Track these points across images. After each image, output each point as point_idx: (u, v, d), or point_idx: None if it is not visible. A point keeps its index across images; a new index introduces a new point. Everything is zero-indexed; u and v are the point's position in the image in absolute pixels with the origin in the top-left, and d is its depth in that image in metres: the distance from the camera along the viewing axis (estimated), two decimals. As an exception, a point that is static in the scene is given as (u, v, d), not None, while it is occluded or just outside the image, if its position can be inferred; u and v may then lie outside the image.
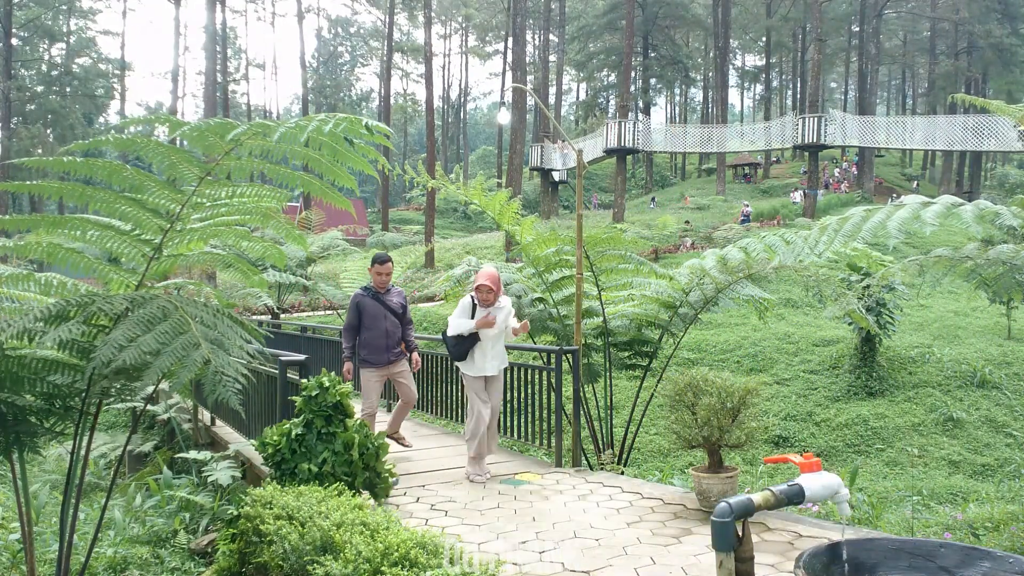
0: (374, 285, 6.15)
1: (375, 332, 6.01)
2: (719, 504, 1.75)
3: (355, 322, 6.08)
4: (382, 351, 6.02)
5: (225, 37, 40.91)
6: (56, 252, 3.36)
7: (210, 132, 3.06)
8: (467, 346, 5.77)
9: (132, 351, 2.77)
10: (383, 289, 6.16)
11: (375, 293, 6.11)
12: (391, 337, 6.08)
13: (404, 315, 6.22)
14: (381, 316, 6.04)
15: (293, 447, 4.14)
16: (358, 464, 4.34)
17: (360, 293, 6.15)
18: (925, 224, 3.84)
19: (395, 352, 6.10)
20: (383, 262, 6.14)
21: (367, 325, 6.03)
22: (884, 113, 57.85)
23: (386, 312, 6.06)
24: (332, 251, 19.54)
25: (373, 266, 6.18)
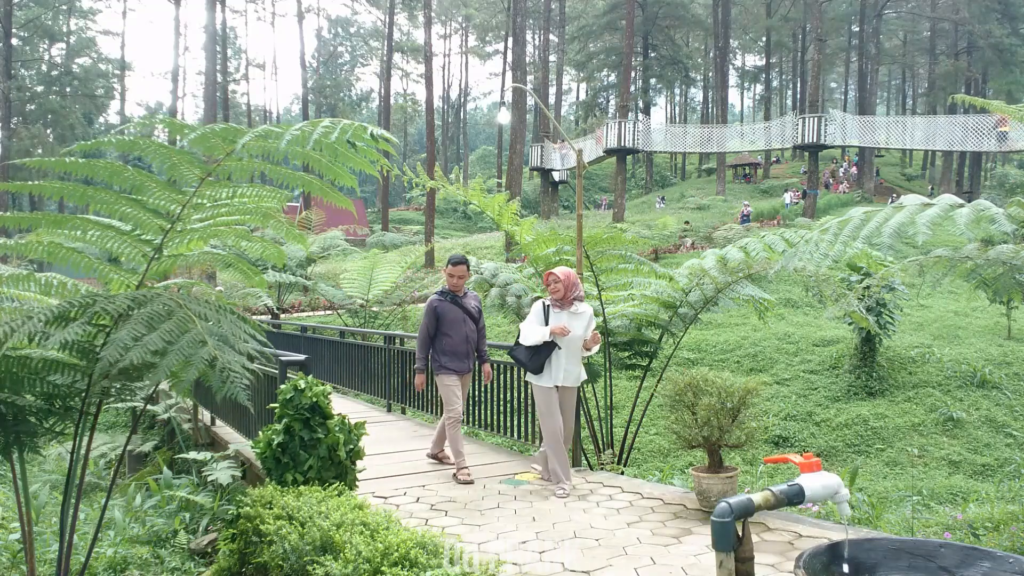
0: (449, 288, 5.82)
1: (456, 338, 5.72)
2: (719, 504, 1.75)
3: (432, 330, 5.73)
4: (463, 357, 5.76)
5: (225, 37, 40.92)
6: (57, 252, 3.36)
7: (216, 137, 3.06)
8: (544, 356, 5.22)
9: (138, 350, 2.76)
10: (459, 292, 5.83)
11: (453, 297, 5.78)
12: (470, 344, 5.81)
13: (479, 321, 5.93)
14: (460, 321, 5.74)
15: (277, 456, 4.13)
16: (347, 465, 4.33)
17: (437, 298, 5.80)
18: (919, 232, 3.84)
19: (472, 359, 5.89)
20: (457, 263, 5.79)
21: (447, 331, 5.71)
22: (884, 113, 57.84)
23: (465, 316, 5.78)
24: (332, 251, 19.55)
25: (447, 267, 5.84)
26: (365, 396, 10.24)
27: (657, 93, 57.71)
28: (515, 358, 5.40)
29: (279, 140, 2.94)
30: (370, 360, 9.76)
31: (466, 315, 5.76)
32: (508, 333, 16.78)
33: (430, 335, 5.75)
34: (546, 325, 5.22)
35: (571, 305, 5.29)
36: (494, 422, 6.91)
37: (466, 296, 5.86)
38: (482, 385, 6.85)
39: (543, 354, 5.22)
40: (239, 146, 2.97)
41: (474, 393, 7.21)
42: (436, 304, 5.76)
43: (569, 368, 5.28)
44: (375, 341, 10.02)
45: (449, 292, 5.80)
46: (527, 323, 5.30)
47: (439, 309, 5.74)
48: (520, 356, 5.32)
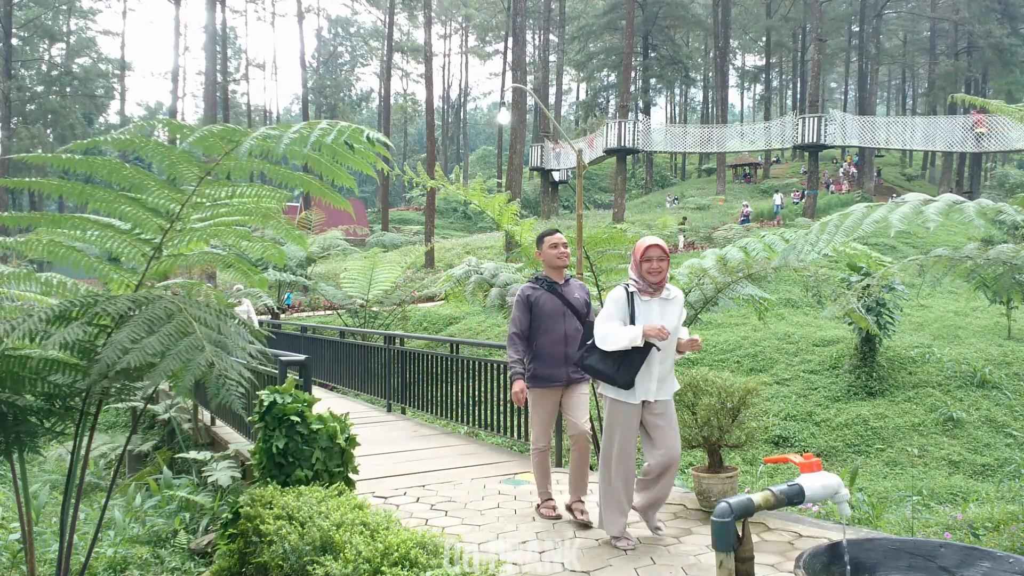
0: (547, 273, 4.57)
1: (551, 337, 4.43)
2: (719, 504, 1.75)
3: (526, 326, 4.48)
4: (560, 363, 4.43)
5: (225, 37, 40.92)
6: (56, 251, 3.36)
7: (215, 138, 3.06)
8: (638, 365, 3.89)
9: (136, 353, 2.76)
10: (560, 278, 4.56)
11: (551, 284, 4.51)
12: (572, 345, 4.42)
13: (588, 316, 4.56)
14: (560, 315, 4.45)
15: (280, 461, 4.12)
16: (349, 453, 4.33)
17: (530, 286, 4.56)
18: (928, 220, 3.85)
19: (576, 368, 4.37)
20: (554, 233, 4.55)
21: (540, 328, 4.45)
22: (884, 113, 57.85)
23: (566, 310, 4.48)
24: (332, 251, 19.57)
25: (542, 243, 4.54)
26: (365, 396, 10.24)
27: (657, 93, 57.74)
28: (589, 368, 4.05)
29: (277, 142, 2.94)
30: (370, 360, 9.76)
31: (567, 308, 4.49)
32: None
33: (523, 333, 4.48)
34: (631, 320, 3.93)
35: (663, 289, 4.00)
36: (494, 422, 6.91)
37: (568, 284, 4.58)
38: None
39: (636, 362, 3.88)
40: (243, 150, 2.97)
41: (474, 393, 7.20)
42: (529, 293, 4.50)
43: (664, 375, 4.01)
44: (375, 341, 10.02)
45: (545, 278, 4.54)
46: (604, 318, 3.96)
47: (533, 299, 4.47)
48: (599, 366, 3.95)
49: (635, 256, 3.99)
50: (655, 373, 3.95)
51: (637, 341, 3.79)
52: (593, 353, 3.99)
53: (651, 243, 3.94)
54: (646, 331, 3.77)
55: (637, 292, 3.95)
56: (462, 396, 7.36)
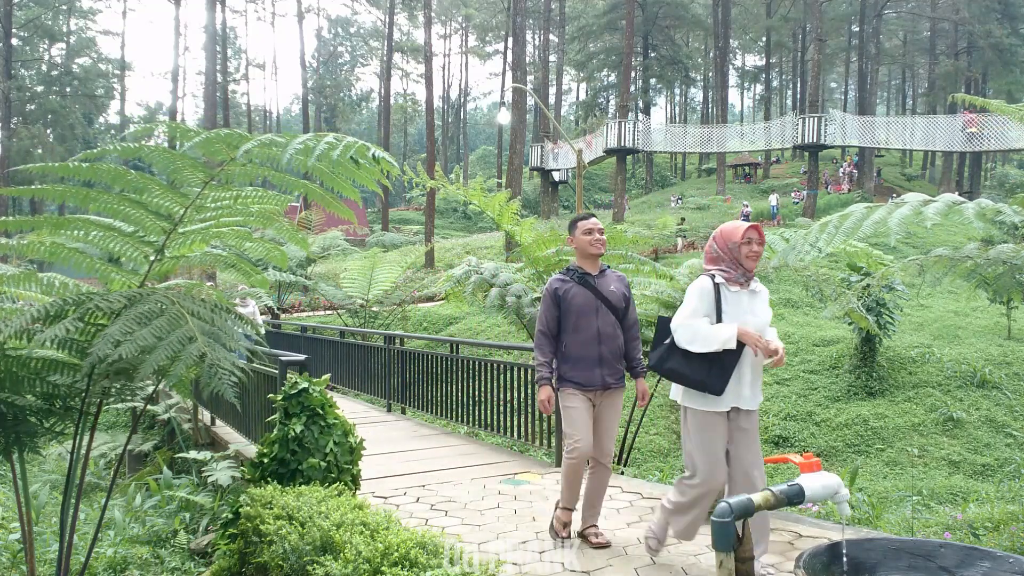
0: (579, 263, 4.08)
1: (583, 336, 3.93)
2: (719, 504, 1.75)
3: (553, 323, 4.00)
4: (593, 365, 3.92)
5: (225, 37, 40.93)
6: (58, 252, 3.37)
7: (220, 143, 3.07)
8: (731, 368, 3.34)
9: (128, 346, 2.77)
10: (594, 268, 4.04)
11: (583, 275, 4.00)
12: (608, 344, 3.94)
13: (627, 312, 4.07)
14: (592, 312, 3.94)
15: (293, 448, 4.11)
16: (359, 452, 4.33)
17: (559, 278, 4.05)
18: (926, 219, 3.85)
19: (614, 371, 3.97)
20: (588, 217, 4.09)
21: (571, 326, 3.95)
22: (884, 113, 57.86)
23: (599, 305, 3.95)
24: (332, 251, 19.57)
25: (574, 229, 4.07)
26: (365, 396, 10.24)
27: (657, 93, 57.74)
28: (671, 373, 3.44)
29: (282, 151, 2.95)
30: (370, 360, 9.77)
31: (602, 303, 3.95)
32: (508, 333, 16.75)
33: (551, 331, 4.00)
34: (718, 316, 3.38)
35: (752, 280, 3.51)
36: (494, 422, 6.91)
37: (603, 275, 4.05)
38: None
39: (728, 364, 3.33)
40: (240, 153, 2.98)
41: (474, 393, 7.20)
42: (557, 287, 4.00)
43: (755, 381, 3.47)
44: (375, 341, 10.02)
45: (577, 269, 4.03)
46: (688, 314, 3.39)
47: (562, 293, 3.97)
48: (683, 369, 3.38)
49: (725, 240, 3.46)
50: (747, 376, 3.42)
51: (731, 343, 3.26)
52: (674, 355, 3.41)
53: (751, 224, 3.45)
54: (743, 333, 3.26)
55: (726, 283, 3.41)
56: (462, 396, 7.36)
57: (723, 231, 3.52)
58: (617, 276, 4.15)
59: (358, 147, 3.00)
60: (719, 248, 3.50)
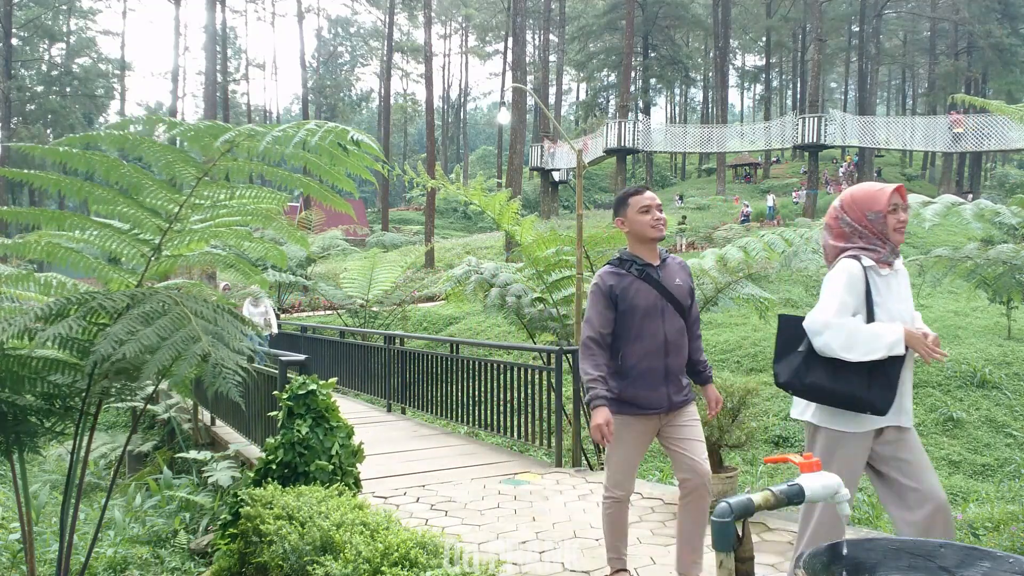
0: (634, 250, 3.21)
1: (647, 345, 3.12)
2: (719, 504, 1.75)
3: (608, 328, 3.15)
4: (659, 382, 3.14)
5: (225, 37, 40.94)
6: (56, 251, 3.36)
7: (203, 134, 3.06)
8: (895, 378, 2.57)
9: (132, 345, 2.77)
10: (655, 257, 3.21)
11: (643, 266, 3.16)
12: (675, 355, 3.17)
13: (692, 309, 3.28)
14: (658, 314, 3.13)
15: (300, 451, 4.09)
16: (361, 454, 4.33)
17: (612, 271, 3.19)
18: (924, 221, 3.85)
19: (679, 387, 3.20)
20: (643, 191, 3.22)
21: (629, 332, 3.13)
22: (884, 113, 57.86)
23: (665, 304, 3.15)
24: (332, 251, 19.58)
25: (625, 207, 3.21)
26: (365, 396, 10.24)
27: (657, 93, 57.74)
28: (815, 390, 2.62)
29: (259, 140, 2.94)
30: (370, 360, 9.77)
31: (668, 302, 3.15)
32: (508, 333, 16.74)
33: (605, 339, 3.15)
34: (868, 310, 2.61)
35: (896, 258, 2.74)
36: (494, 422, 6.91)
37: (667, 266, 3.23)
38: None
39: (892, 375, 2.56)
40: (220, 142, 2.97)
41: (474, 393, 7.19)
42: (612, 282, 3.14)
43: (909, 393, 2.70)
44: (375, 341, 10.03)
45: (633, 258, 3.18)
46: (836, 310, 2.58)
47: (619, 290, 3.13)
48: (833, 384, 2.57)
49: (862, 210, 2.67)
50: (907, 385, 2.67)
51: (899, 348, 2.52)
52: (815, 366, 2.62)
53: (895, 186, 2.69)
54: (910, 336, 2.53)
55: (875, 266, 2.64)
56: (462, 396, 7.36)
57: (856, 198, 2.70)
58: (680, 264, 3.29)
59: (337, 131, 2.97)
60: (854, 220, 2.69)
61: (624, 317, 3.13)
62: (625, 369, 3.15)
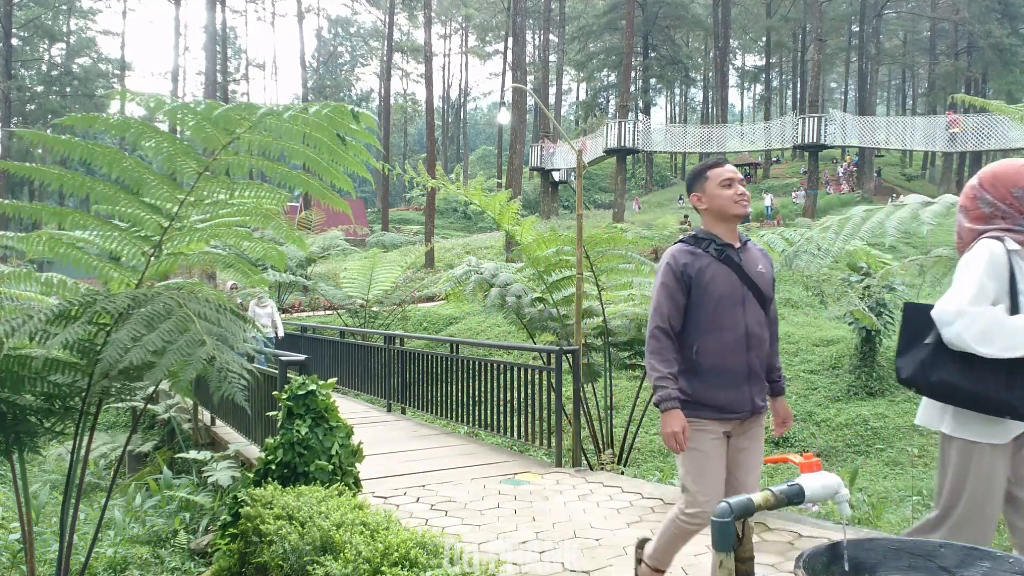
0: (710, 227, 2.80)
1: (726, 338, 2.71)
2: (719, 504, 1.75)
3: (678, 317, 2.74)
4: (740, 381, 2.74)
5: (225, 37, 40.93)
6: (56, 249, 3.36)
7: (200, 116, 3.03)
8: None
9: (137, 351, 2.77)
10: (735, 238, 2.81)
11: (722, 247, 2.74)
12: (757, 350, 2.76)
13: (771, 305, 2.87)
14: (738, 302, 2.72)
15: (300, 451, 4.09)
16: (360, 454, 4.32)
17: (686, 248, 2.77)
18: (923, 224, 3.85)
19: (761, 388, 2.82)
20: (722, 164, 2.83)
21: (706, 322, 2.71)
22: (884, 113, 57.85)
23: (746, 292, 2.74)
24: (332, 251, 19.58)
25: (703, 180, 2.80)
26: (365, 396, 10.24)
27: (657, 93, 57.73)
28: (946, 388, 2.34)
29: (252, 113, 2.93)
30: (370, 360, 9.77)
31: (749, 290, 2.74)
32: (508, 333, 16.73)
33: (674, 328, 2.75)
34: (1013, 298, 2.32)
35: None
36: (494, 422, 6.90)
37: (747, 249, 2.82)
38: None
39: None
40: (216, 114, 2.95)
41: (474, 393, 7.19)
42: (686, 261, 2.73)
43: None
44: (375, 341, 10.03)
45: (711, 238, 2.77)
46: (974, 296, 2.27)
47: (694, 272, 2.71)
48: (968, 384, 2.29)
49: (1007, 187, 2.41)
50: None
51: None
52: (946, 361, 2.31)
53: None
54: None
55: (1021, 250, 2.36)
56: (462, 396, 7.36)
57: (999, 175, 2.44)
58: (761, 251, 2.91)
59: (335, 108, 2.95)
60: (997, 199, 2.42)
61: (698, 304, 2.71)
62: (700, 366, 2.72)
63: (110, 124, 3.06)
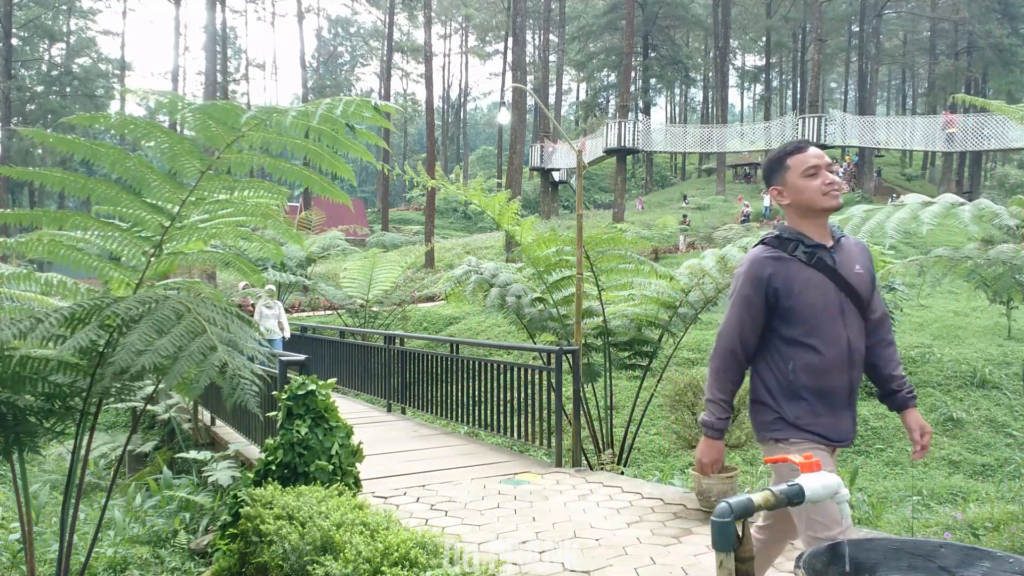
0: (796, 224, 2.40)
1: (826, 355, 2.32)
2: (719, 504, 1.75)
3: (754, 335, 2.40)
4: (841, 404, 2.37)
5: (225, 37, 40.91)
6: (57, 250, 3.36)
7: (216, 115, 3.01)
8: None
9: (149, 356, 2.76)
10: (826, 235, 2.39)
11: (812, 249, 2.34)
12: (859, 368, 2.40)
13: (874, 304, 2.44)
14: (837, 313, 2.34)
15: (300, 451, 4.09)
16: (360, 454, 4.32)
17: (769, 254, 2.37)
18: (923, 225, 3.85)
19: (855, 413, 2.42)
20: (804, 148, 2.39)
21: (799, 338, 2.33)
22: (884, 113, 57.85)
23: (844, 300, 2.35)
24: (332, 251, 19.56)
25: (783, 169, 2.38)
26: (365, 396, 10.24)
27: (657, 93, 57.74)
28: None
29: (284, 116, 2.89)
30: (370, 360, 9.77)
31: (847, 297, 2.35)
32: (508, 333, 16.74)
33: (746, 353, 2.42)
34: None
35: None
36: (494, 422, 6.90)
37: (841, 246, 2.40)
38: None
39: None
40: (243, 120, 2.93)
41: (474, 393, 7.19)
42: (772, 271, 2.33)
43: None
44: (375, 341, 10.02)
45: (798, 238, 2.36)
46: None
47: (781, 281, 2.33)
48: None
49: None
50: None
51: None
52: None
53: None
54: None
55: None
56: (462, 396, 7.36)
57: None
58: (859, 247, 2.47)
59: (359, 103, 2.93)
60: None
61: (790, 317, 2.32)
62: (797, 385, 2.32)
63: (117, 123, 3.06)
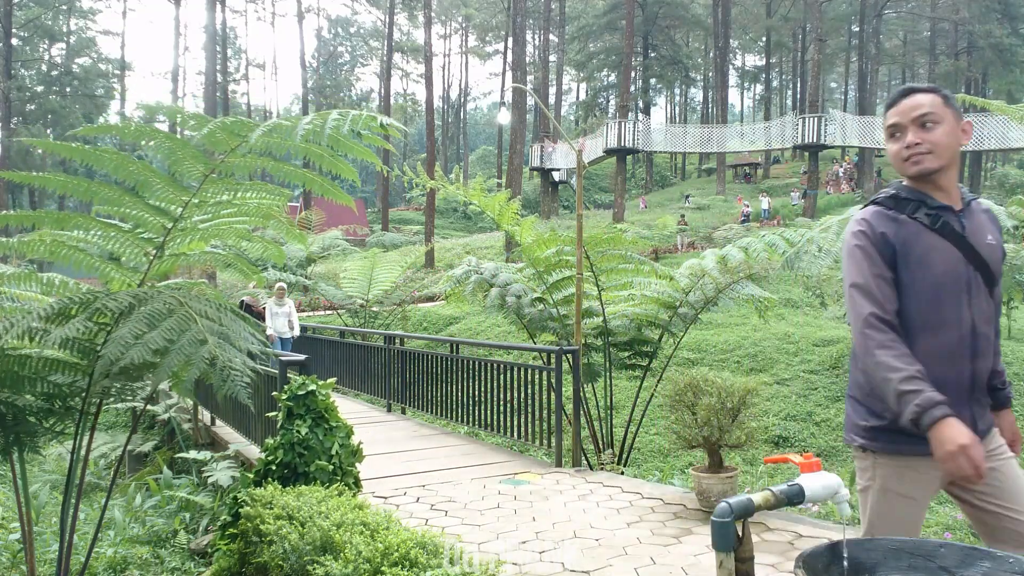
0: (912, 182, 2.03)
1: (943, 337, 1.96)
2: (719, 504, 1.75)
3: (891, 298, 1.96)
4: (962, 399, 1.97)
5: (225, 37, 40.93)
6: (58, 250, 3.36)
7: (226, 131, 3.04)
8: None
9: (139, 349, 2.77)
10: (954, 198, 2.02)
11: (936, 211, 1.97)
12: (984, 355, 2.01)
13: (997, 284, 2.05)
14: (962, 287, 1.96)
15: (300, 451, 4.08)
16: (360, 454, 4.32)
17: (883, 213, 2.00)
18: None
19: (984, 409, 2.07)
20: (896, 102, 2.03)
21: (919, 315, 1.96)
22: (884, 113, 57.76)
23: (973, 274, 1.97)
24: (332, 251, 19.58)
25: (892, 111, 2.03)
26: (365, 396, 10.24)
27: (657, 93, 57.75)
28: None
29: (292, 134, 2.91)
30: (370, 360, 9.77)
31: (977, 270, 1.98)
32: (508, 333, 16.74)
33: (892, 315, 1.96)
34: None
35: None
36: (494, 422, 6.90)
37: (970, 211, 2.03)
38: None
39: None
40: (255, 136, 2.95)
41: (474, 393, 7.19)
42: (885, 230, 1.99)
43: None
44: (375, 341, 10.02)
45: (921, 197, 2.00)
46: None
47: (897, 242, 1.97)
48: None
49: None
50: None
51: None
52: None
53: None
54: None
55: None
56: (462, 396, 7.36)
57: None
58: (988, 214, 2.11)
59: (365, 118, 2.96)
60: None
61: (905, 290, 1.96)
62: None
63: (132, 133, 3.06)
